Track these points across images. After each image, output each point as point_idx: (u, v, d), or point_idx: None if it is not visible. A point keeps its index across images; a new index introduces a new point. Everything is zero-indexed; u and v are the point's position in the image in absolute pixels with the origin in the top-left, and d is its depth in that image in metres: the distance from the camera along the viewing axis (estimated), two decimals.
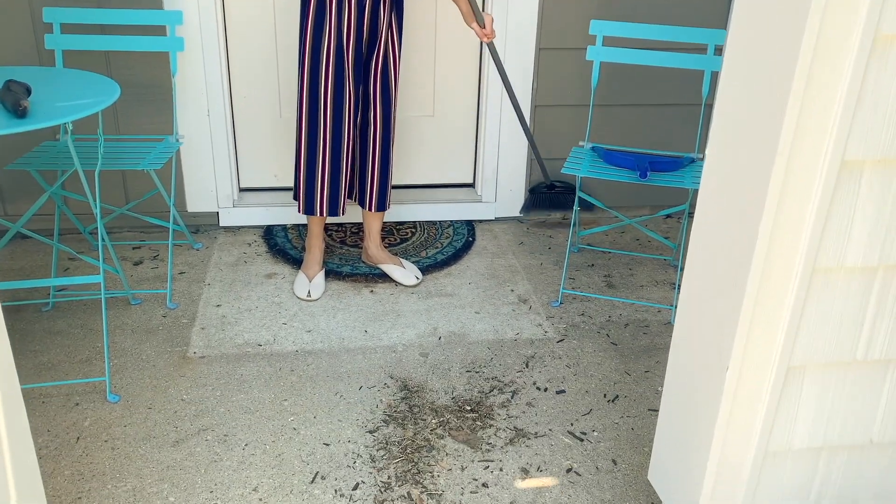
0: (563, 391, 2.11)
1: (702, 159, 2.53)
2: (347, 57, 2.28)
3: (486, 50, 2.88)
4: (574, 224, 2.64)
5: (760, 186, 1.23)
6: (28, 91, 1.82)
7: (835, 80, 1.16)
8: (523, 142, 2.99)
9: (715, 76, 2.94)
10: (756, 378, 1.37)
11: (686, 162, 2.47)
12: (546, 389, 2.12)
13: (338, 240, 2.89)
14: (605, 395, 2.11)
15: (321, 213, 2.45)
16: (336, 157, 2.37)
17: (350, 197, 2.55)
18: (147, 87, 2.67)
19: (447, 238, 2.95)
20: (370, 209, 2.55)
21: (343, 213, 2.47)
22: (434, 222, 3.06)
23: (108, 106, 1.88)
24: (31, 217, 2.25)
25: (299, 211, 2.47)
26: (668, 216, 3.19)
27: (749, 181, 1.26)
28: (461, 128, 3.06)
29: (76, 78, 2.06)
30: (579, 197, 2.51)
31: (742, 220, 1.28)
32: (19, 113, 1.74)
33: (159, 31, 2.55)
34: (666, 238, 2.91)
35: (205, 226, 2.94)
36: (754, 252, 1.26)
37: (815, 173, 1.22)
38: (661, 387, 2.13)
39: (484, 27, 2.40)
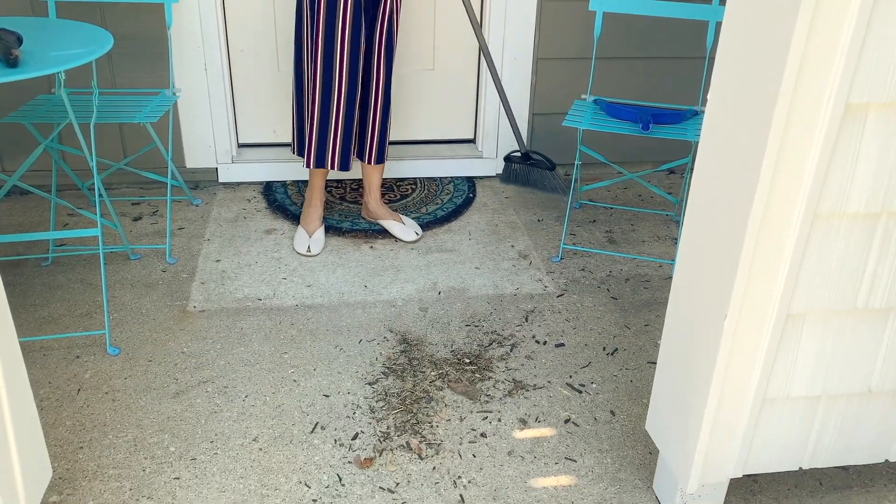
0: (562, 344, 2.12)
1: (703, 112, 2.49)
2: (363, 7, 2.24)
3: (486, 2, 2.82)
4: (575, 180, 2.62)
5: (762, 130, 1.21)
6: (19, 40, 1.78)
7: (840, 19, 1.13)
8: (525, 96, 2.95)
9: (720, 27, 2.88)
10: (755, 326, 1.36)
11: (689, 114, 2.43)
12: (545, 343, 2.12)
13: (337, 196, 2.87)
14: (604, 349, 2.11)
15: (332, 167, 2.42)
16: (350, 108, 2.34)
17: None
18: (142, 41, 2.63)
19: (447, 194, 2.93)
20: (369, 161, 2.53)
21: (350, 169, 2.45)
22: (434, 178, 3.04)
23: (102, 56, 1.85)
24: (27, 170, 2.23)
25: (308, 165, 2.44)
26: (671, 172, 3.16)
27: (750, 125, 1.24)
28: (461, 82, 3.01)
29: (68, 28, 2.02)
30: (581, 151, 2.48)
31: (743, 165, 1.26)
32: (10, 62, 1.71)
33: None
34: (669, 193, 2.88)
35: (204, 182, 2.93)
36: (754, 198, 1.24)
37: (819, 116, 1.20)
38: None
39: None
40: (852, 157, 1.24)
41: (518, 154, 2.69)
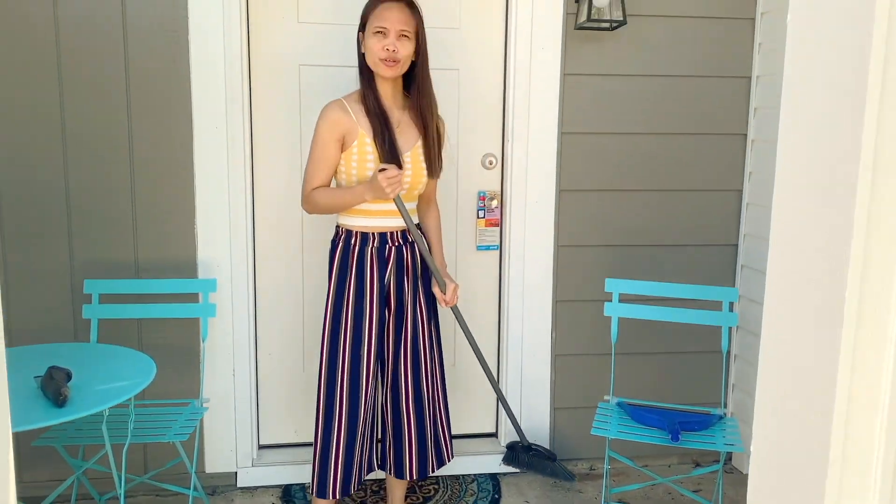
0: None
1: (728, 415, 2.51)
2: (367, 333, 2.30)
3: (503, 302, 2.98)
4: (606, 475, 2.56)
5: (819, 467, 1.21)
6: (69, 376, 1.85)
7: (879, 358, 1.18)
8: (545, 389, 2.99)
9: (732, 331, 3.01)
10: None
11: (715, 419, 2.44)
12: None
13: (358, 500, 2.79)
14: None
15: (333, 496, 2.34)
16: (351, 438, 2.32)
17: (382, 468, 2.47)
18: (175, 350, 2.72)
19: (472, 495, 2.84)
20: (411, 477, 2.46)
21: (356, 490, 2.37)
22: (457, 477, 2.97)
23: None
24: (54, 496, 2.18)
25: (311, 492, 2.37)
26: (697, 464, 3.10)
27: (802, 466, 1.24)
28: (482, 377, 3.07)
29: (114, 357, 2.11)
30: (609, 456, 2.46)
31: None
32: (59, 402, 1.75)
33: (192, 297, 2.66)
34: (696, 492, 2.81)
35: (221, 487, 2.85)
36: None
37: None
38: None
39: (444, 293, 2.41)
40: None
41: (521, 444, 2.76)
